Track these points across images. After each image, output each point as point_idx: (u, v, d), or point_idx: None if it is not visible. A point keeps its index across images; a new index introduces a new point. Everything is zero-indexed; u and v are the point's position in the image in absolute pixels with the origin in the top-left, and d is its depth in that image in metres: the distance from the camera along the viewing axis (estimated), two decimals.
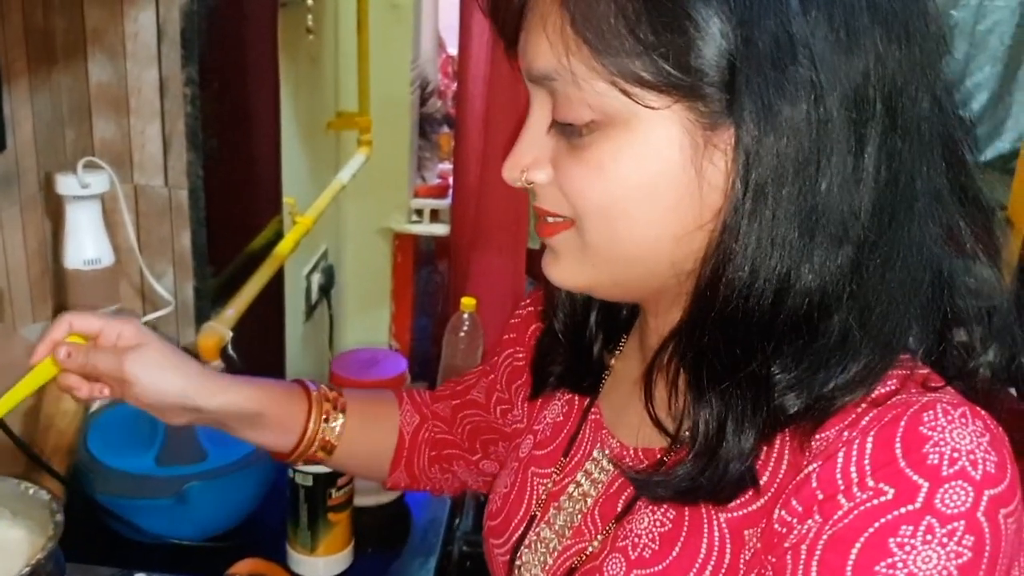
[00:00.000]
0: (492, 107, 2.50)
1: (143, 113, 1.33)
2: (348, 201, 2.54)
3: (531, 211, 3.02)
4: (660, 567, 0.66)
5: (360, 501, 1.20)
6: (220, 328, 1.35)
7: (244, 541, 1.16)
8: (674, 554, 0.66)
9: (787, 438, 0.62)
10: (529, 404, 0.89)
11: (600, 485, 0.76)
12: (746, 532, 0.63)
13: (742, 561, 0.62)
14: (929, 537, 0.53)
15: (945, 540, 0.52)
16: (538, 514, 0.80)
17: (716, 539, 0.64)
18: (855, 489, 0.55)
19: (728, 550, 0.63)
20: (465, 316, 2.16)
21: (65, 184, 1.23)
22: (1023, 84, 3.75)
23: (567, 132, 0.63)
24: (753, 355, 0.60)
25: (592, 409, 0.80)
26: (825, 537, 0.56)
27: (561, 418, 0.83)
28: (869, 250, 0.59)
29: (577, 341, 0.80)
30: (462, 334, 2.18)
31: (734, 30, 0.56)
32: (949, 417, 0.55)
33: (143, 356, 0.81)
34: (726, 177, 0.59)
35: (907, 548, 0.53)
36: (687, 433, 0.65)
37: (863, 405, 0.59)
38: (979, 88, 3.78)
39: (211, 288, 1.42)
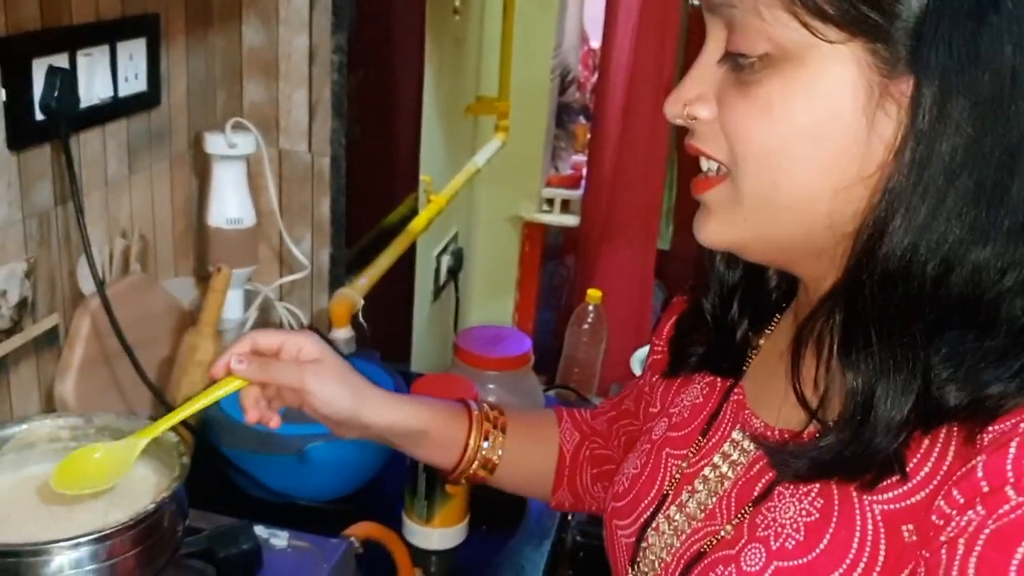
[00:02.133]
0: (632, 99, 2.47)
1: (292, 78, 1.35)
2: (481, 186, 2.55)
3: (664, 207, 2.98)
4: (806, 560, 0.61)
5: None
6: (353, 295, 1.36)
7: (362, 506, 1.16)
8: (822, 546, 0.61)
9: (954, 431, 0.57)
10: (664, 387, 0.86)
11: (739, 467, 0.71)
12: (904, 528, 0.58)
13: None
14: None
15: None
16: (670, 495, 0.77)
17: (870, 531, 0.59)
18: None
19: (883, 544, 0.58)
20: (590, 308, 2.13)
21: (214, 143, 1.26)
22: None
23: (738, 66, 0.61)
24: (911, 324, 0.56)
25: (735, 389, 0.77)
26: (987, 531, 0.50)
27: (701, 400, 0.80)
28: None
29: (723, 322, 0.78)
30: (586, 326, 2.15)
31: None
32: None
33: (322, 370, 0.84)
34: (896, 131, 0.56)
35: None
36: (832, 417, 0.61)
37: None
38: None
39: (346, 256, 1.43)
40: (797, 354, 0.64)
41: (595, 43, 2.90)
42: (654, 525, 0.77)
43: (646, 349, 1.79)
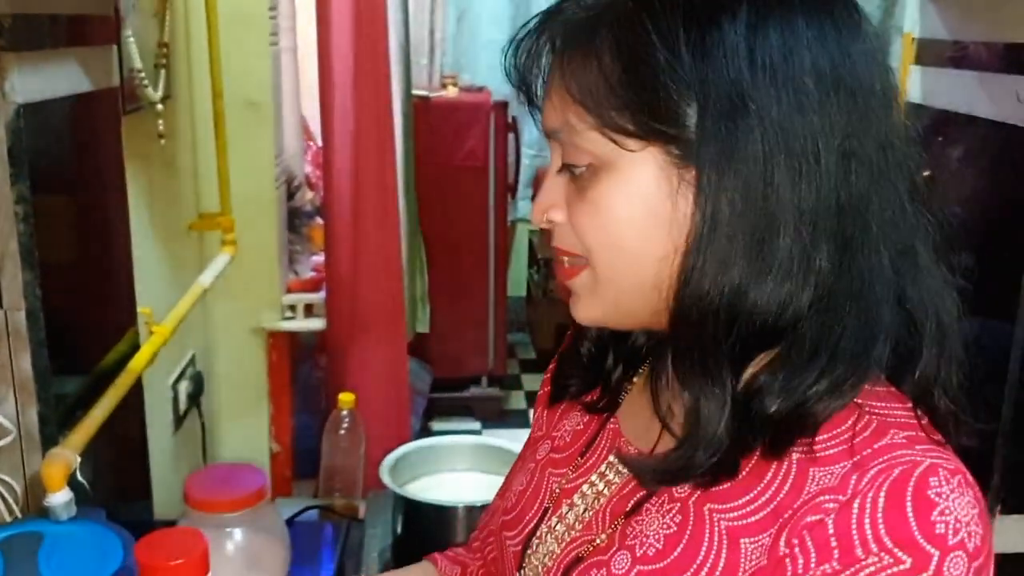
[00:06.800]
0: (359, 199, 2.50)
1: None
2: (216, 303, 2.48)
3: (419, 293, 3.00)
4: (661, 564, 0.74)
5: None
6: (66, 454, 1.27)
7: None
8: (675, 554, 0.74)
9: (794, 459, 0.70)
10: (548, 414, 1.00)
11: (614, 486, 0.84)
12: (742, 541, 0.70)
13: (741, 571, 0.69)
14: None
15: None
16: (551, 507, 0.89)
17: (715, 543, 0.72)
18: (873, 546, 0.63)
19: (724, 555, 0.71)
20: (344, 413, 2.10)
21: None
22: None
23: (573, 176, 0.76)
24: (718, 348, 0.71)
25: (611, 419, 0.90)
26: None
27: (581, 427, 0.93)
28: (827, 273, 0.70)
29: (599, 367, 0.92)
30: (342, 432, 2.12)
31: (696, 92, 0.69)
32: (950, 485, 0.64)
33: None
34: (693, 207, 0.71)
35: None
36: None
37: (859, 430, 0.69)
38: None
39: (58, 412, 1.34)
40: (655, 390, 0.81)
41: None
42: (538, 535, 0.89)
43: (398, 454, 1.78)
